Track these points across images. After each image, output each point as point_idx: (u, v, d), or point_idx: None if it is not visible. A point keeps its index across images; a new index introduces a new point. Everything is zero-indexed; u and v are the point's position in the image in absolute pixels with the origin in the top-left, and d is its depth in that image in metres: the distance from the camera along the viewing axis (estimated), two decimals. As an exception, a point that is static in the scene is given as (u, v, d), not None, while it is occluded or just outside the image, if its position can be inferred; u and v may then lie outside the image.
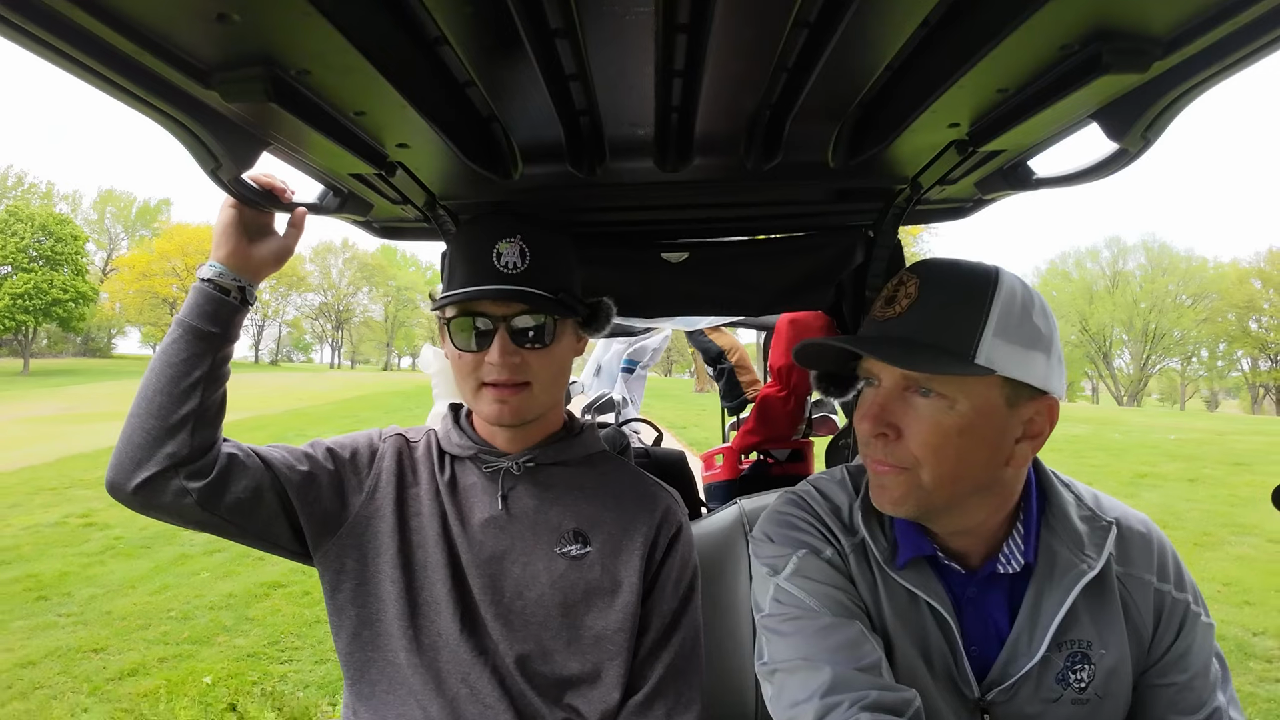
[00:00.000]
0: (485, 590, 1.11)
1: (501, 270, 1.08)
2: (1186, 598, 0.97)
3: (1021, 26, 0.73)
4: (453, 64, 0.96)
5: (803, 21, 0.83)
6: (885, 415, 0.89)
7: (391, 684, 1.10)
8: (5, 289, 38.22)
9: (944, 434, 0.87)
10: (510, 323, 1.08)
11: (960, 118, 1.03)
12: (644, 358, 3.97)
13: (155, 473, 1.02)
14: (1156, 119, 0.87)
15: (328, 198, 1.29)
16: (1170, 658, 0.96)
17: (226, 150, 0.94)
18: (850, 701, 0.83)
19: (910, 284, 0.91)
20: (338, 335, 75.84)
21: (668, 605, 1.17)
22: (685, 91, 0.99)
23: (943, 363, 0.85)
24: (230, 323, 1.07)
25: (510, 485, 1.16)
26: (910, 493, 0.90)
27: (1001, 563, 0.95)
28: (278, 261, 1.15)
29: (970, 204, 1.56)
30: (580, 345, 1.22)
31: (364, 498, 1.16)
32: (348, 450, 1.19)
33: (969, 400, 0.86)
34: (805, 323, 2.43)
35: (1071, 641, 0.94)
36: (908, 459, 0.89)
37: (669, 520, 1.20)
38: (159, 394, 1.03)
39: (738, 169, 1.30)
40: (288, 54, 0.79)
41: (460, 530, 1.13)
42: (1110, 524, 0.97)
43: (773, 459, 2.73)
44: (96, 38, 0.70)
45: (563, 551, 1.14)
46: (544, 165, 1.27)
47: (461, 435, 1.20)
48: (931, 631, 0.95)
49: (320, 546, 1.14)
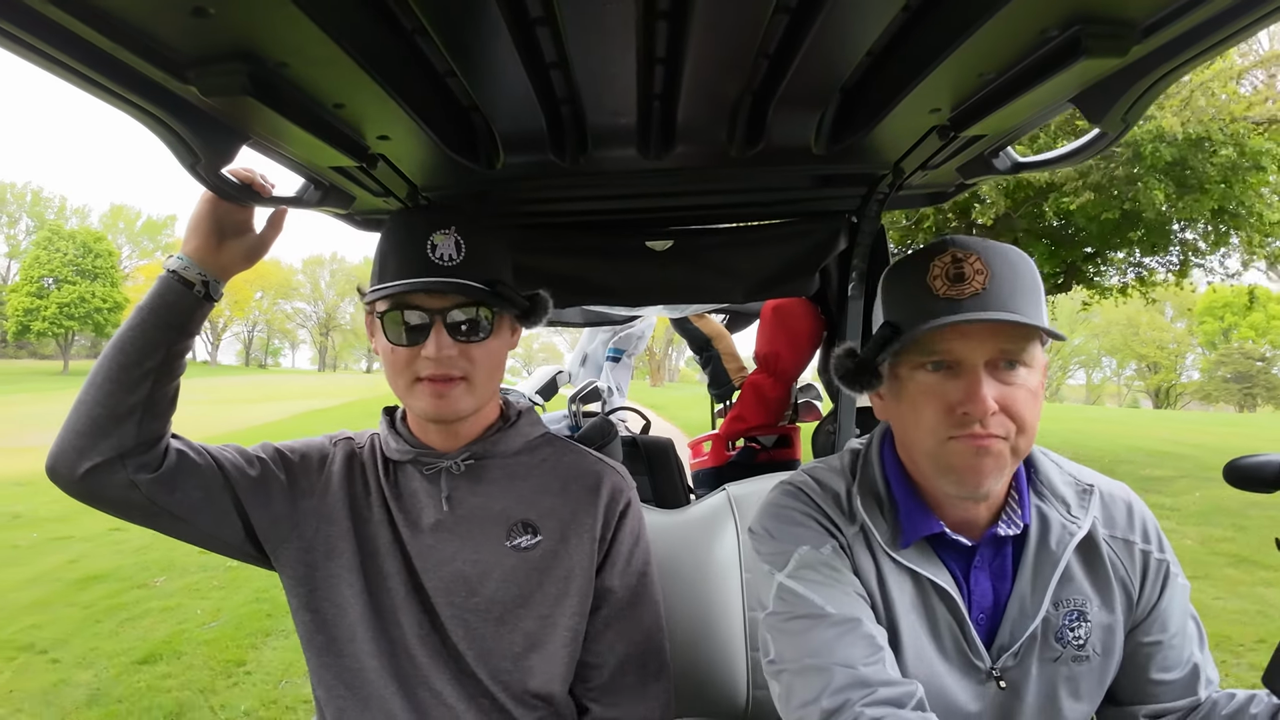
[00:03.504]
0: (441, 593, 1.11)
1: (436, 262, 1.04)
2: (1167, 558, 1.01)
3: (1001, 11, 0.73)
4: (432, 54, 0.95)
5: (784, 7, 0.83)
6: (989, 391, 0.89)
7: (351, 688, 1.10)
8: (53, 299, 43.57)
9: (1033, 398, 0.91)
10: (447, 315, 1.05)
11: (941, 103, 1.03)
12: (630, 346, 3.97)
13: (100, 462, 1.00)
14: (1135, 102, 0.88)
15: (309, 191, 1.28)
16: (1154, 616, 0.99)
17: (205, 145, 0.93)
18: (854, 701, 0.85)
19: (973, 259, 0.91)
20: (325, 340, 76.73)
21: (620, 581, 1.17)
22: (667, 79, 0.98)
23: (1043, 330, 0.90)
24: (190, 316, 1.05)
25: (452, 485, 1.15)
26: (1012, 462, 0.93)
27: (1003, 526, 0.97)
28: (248, 260, 1.13)
29: (952, 189, 1.57)
30: (515, 339, 1.19)
31: (315, 501, 1.14)
32: (298, 454, 1.18)
33: (1036, 362, 0.92)
34: (790, 310, 2.44)
35: (1069, 600, 0.97)
36: (1009, 430, 0.91)
37: (616, 498, 1.19)
38: (108, 381, 1.01)
39: (720, 156, 1.30)
40: (265, 47, 0.78)
41: (411, 536, 1.13)
42: (1091, 486, 1.01)
43: (760, 445, 2.75)
44: (72, 34, 0.69)
45: (513, 544, 1.13)
46: (526, 154, 1.26)
47: (398, 440, 1.17)
48: (939, 609, 0.97)
49: (276, 550, 1.13)
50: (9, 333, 44.84)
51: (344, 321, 77.53)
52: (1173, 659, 0.99)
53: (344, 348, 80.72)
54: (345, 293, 74.81)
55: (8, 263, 56.46)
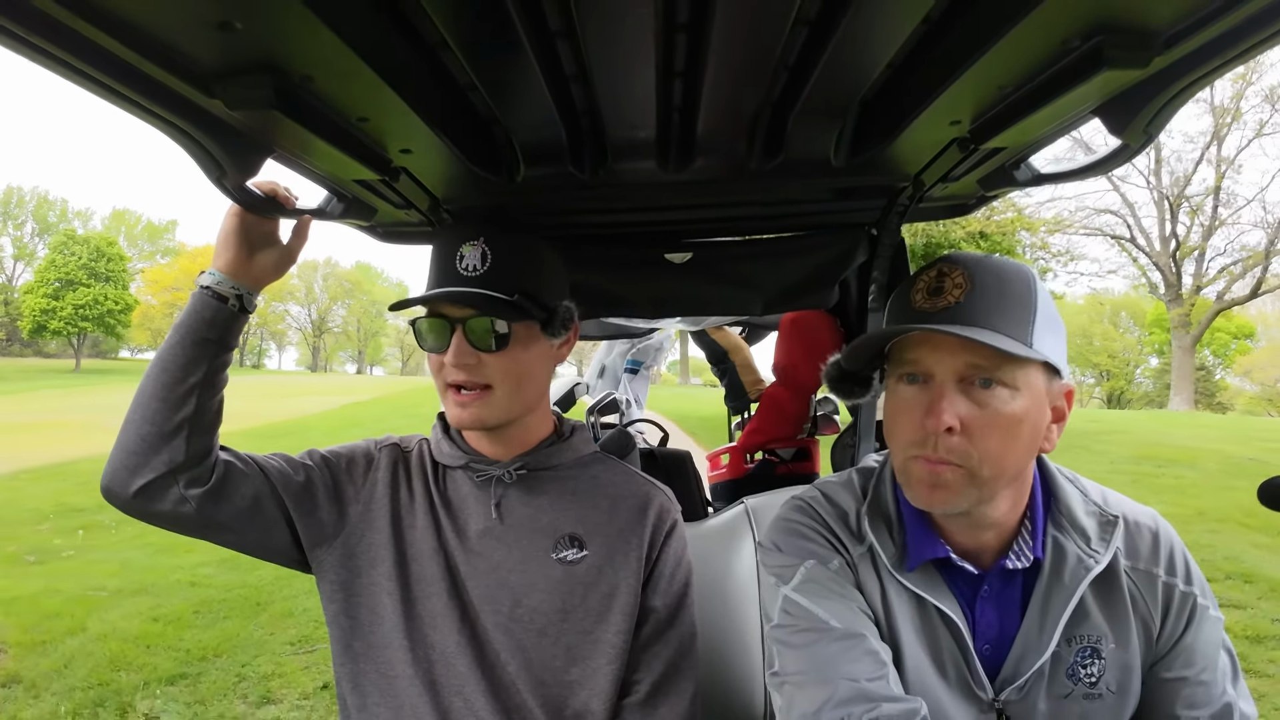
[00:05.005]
0: (485, 601, 1.11)
1: (461, 273, 1.07)
2: (1194, 591, 0.96)
3: (1022, 23, 0.73)
4: (454, 68, 0.96)
5: (803, 19, 0.83)
6: (949, 409, 0.86)
7: (384, 696, 1.10)
8: (69, 300, 44.96)
9: (1007, 423, 0.86)
10: (467, 324, 1.07)
11: (962, 115, 1.02)
12: (647, 358, 3.96)
13: (153, 479, 1.02)
14: (1158, 114, 0.87)
15: (331, 203, 1.30)
16: (1179, 651, 0.95)
17: (231, 158, 0.95)
18: (857, 715, 0.84)
19: (956, 274, 0.89)
20: (318, 342, 78.26)
21: (662, 601, 1.17)
22: (686, 91, 0.99)
23: (1015, 349, 0.84)
24: (228, 330, 1.07)
25: (502, 493, 1.15)
26: (966, 489, 0.88)
27: (1012, 559, 0.94)
28: (278, 270, 1.15)
29: (973, 201, 1.56)
30: (559, 350, 1.19)
31: (360, 508, 1.15)
32: (344, 460, 1.19)
33: (1024, 388, 0.87)
34: (809, 322, 2.43)
35: (1081, 636, 0.93)
36: (969, 455, 0.87)
37: (663, 519, 1.20)
38: (154, 399, 1.03)
39: (740, 169, 1.30)
40: (290, 61, 0.80)
41: (457, 543, 1.13)
42: (1116, 518, 0.97)
43: (778, 458, 2.73)
44: (100, 47, 0.70)
45: (559, 557, 1.13)
46: (546, 167, 1.27)
47: (451, 445, 1.19)
48: (942, 635, 0.95)
49: (316, 556, 1.14)
50: (25, 331, 46.61)
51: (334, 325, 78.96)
52: (1201, 696, 0.94)
53: (334, 350, 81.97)
54: (338, 296, 76.48)
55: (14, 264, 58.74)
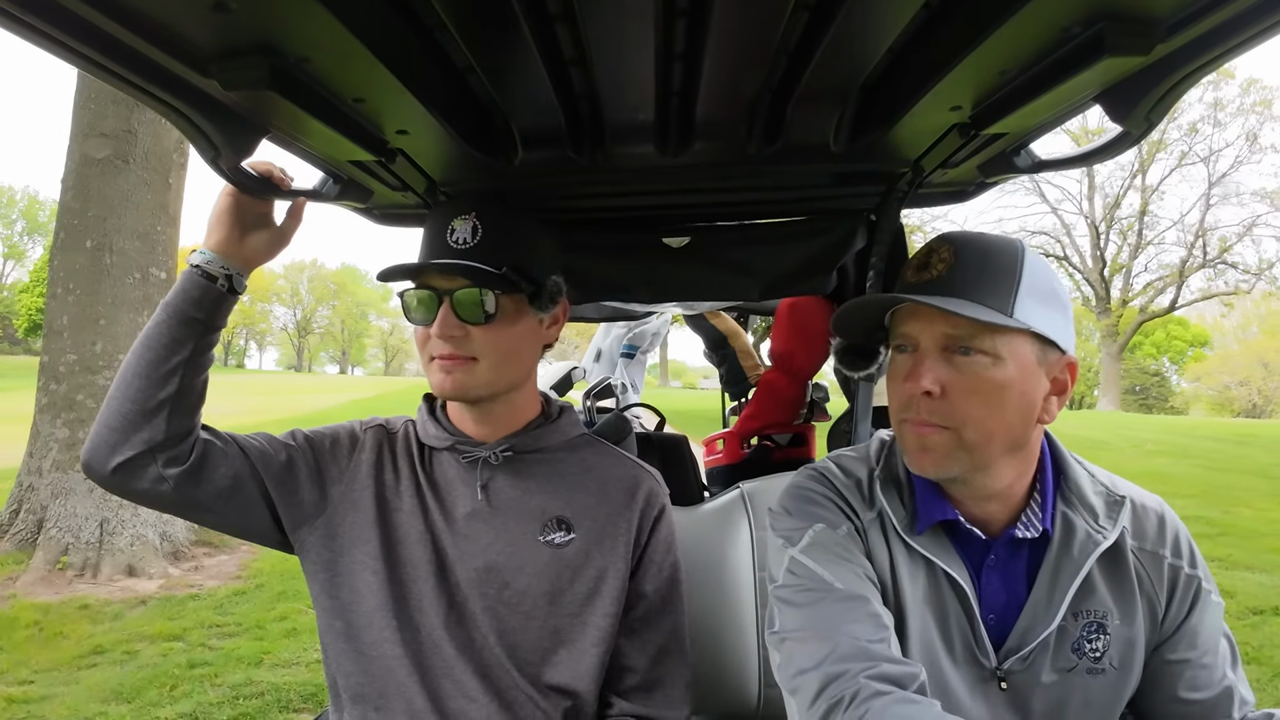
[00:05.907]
0: (472, 584, 1.11)
1: (451, 245, 1.07)
2: (1199, 575, 0.98)
3: (1024, 8, 0.72)
4: (452, 49, 0.95)
5: (804, 4, 0.82)
6: (928, 373, 0.90)
7: (370, 675, 1.10)
8: None
9: (988, 389, 0.88)
10: (454, 296, 1.06)
11: (962, 100, 1.02)
12: (644, 342, 3.96)
13: (132, 456, 1.01)
14: (1160, 101, 0.87)
15: (327, 185, 1.29)
16: (1183, 633, 0.97)
17: (226, 138, 0.94)
18: (856, 671, 0.84)
19: (944, 250, 0.92)
20: (303, 342, 78.56)
21: (653, 585, 1.18)
22: (685, 75, 0.98)
23: (990, 317, 0.87)
24: (215, 310, 1.06)
25: (489, 475, 1.15)
26: (953, 452, 0.91)
27: (1020, 528, 0.96)
28: (270, 251, 1.14)
29: (972, 187, 1.55)
30: (548, 330, 1.18)
31: (343, 488, 1.15)
32: (327, 439, 1.19)
33: (1009, 356, 0.89)
34: (806, 308, 2.43)
35: (1088, 611, 0.95)
36: (952, 417, 0.89)
37: (652, 502, 1.20)
38: (137, 377, 1.02)
39: (739, 153, 1.30)
40: (286, 41, 0.79)
41: (444, 525, 1.13)
42: (1123, 498, 0.99)
43: (774, 443, 2.73)
44: (95, 28, 0.70)
45: (546, 540, 1.13)
46: (544, 150, 1.26)
47: (437, 426, 1.18)
48: (949, 601, 0.96)
49: (298, 536, 1.14)
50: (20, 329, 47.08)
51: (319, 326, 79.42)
52: (1203, 679, 0.96)
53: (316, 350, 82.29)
54: (323, 298, 77.12)
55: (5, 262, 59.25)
